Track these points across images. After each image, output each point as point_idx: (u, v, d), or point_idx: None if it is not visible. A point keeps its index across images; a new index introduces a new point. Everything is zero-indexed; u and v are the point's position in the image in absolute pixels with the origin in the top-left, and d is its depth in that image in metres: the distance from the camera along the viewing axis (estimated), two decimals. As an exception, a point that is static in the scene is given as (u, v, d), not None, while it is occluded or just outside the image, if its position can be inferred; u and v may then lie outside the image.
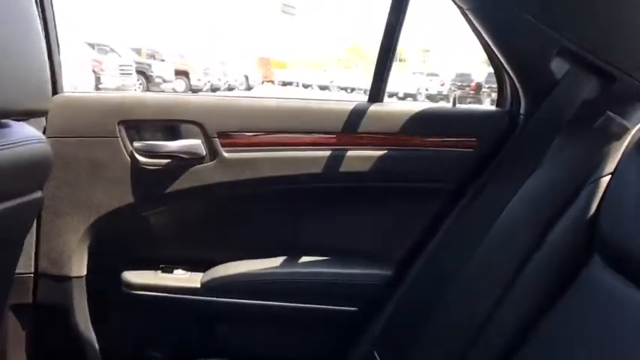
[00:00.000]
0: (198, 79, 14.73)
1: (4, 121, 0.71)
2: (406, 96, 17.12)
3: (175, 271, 1.21)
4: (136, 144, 1.11)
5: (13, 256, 0.90)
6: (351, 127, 1.17)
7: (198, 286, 1.18)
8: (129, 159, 1.11)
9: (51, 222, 1.10)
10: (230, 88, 17.39)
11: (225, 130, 1.14)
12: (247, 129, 1.16)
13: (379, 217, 1.24)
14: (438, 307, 0.99)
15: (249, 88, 19.14)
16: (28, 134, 0.76)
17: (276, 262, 1.20)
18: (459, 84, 15.07)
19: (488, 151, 1.15)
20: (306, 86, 23.76)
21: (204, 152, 1.13)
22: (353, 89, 21.29)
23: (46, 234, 1.10)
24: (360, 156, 1.17)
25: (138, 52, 13.48)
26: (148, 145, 1.11)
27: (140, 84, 11.64)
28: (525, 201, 0.93)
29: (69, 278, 1.11)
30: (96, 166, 1.10)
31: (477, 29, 1.01)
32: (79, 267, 1.13)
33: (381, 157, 1.17)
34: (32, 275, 1.11)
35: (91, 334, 1.15)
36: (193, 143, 1.12)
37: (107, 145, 1.10)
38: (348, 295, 1.19)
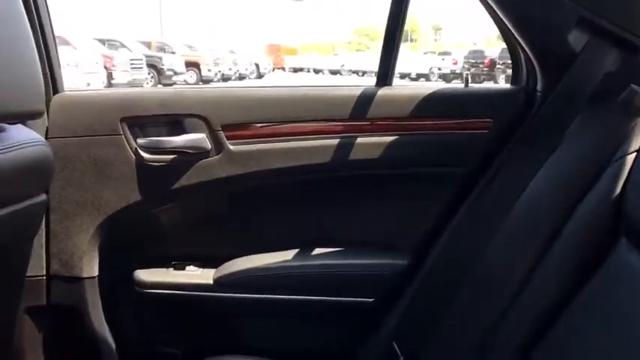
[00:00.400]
0: (209, 70, 14.76)
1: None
2: (419, 76, 16.92)
3: (187, 268, 1.20)
4: (140, 140, 1.09)
5: (23, 259, 0.89)
6: (359, 113, 1.13)
7: (211, 282, 1.16)
8: (133, 156, 1.09)
9: (59, 223, 1.09)
10: (241, 77, 17.39)
11: (230, 122, 1.11)
12: (252, 120, 1.13)
13: (392, 205, 1.20)
14: (457, 296, 0.95)
15: (260, 76, 19.13)
16: (25, 137, 0.74)
17: (288, 255, 1.18)
18: (472, 61, 14.81)
19: (503, 132, 1.10)
20: (317, 71, 23.64)
21: (210, 146, 1.10)
22: (364, 72, 21.12)
23: (55, 236, 1.09)
24: (370, 143, 1.13)
25: (148, 45, 13.53)
26: (152, 141, 1.09)
27: (152, 77, 11.69)
28: (545, 183, 0.89)
29: (81, 279, 1.10)
30: (101, 164, 1.09)
31: (488, 2, 0.96)
32: (91, 267, 1.12)
33: (391, 143, 1.13)
34: (45, 277, 1.10)
35: (106, 334, 1.14)
36: (198, 137, 1.10)
37: (111, 143, 1.09)
38: (364, 286, 1.17)
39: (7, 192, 0.72)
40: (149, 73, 11.56)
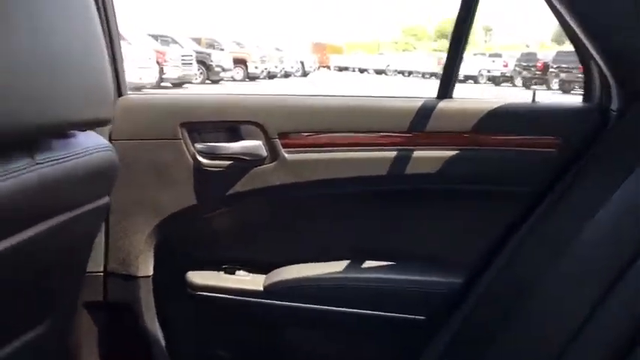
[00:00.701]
0: (256, 67, 14.95)
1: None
2: (466, 78, 16.53)
3: (238, 273, 1.20)
4: (198, 146, 1.11)
5: (84, 257, 0.92)
6: (419, 125, 1.10)
7: (261, 289, 1.16)
8: (191, 161, 1.11)
9: (118, 223, 1.12)
10: (286, 75, 17.54)
11: (286, 130, 1.11)
12: (308, 129, 1.12)
13: (449, 221, 1.17)
14: (514, 319, 0.92)
15: (305, 74, 19.22)
16: (93, 142, 0.76)
17: (340, 266, 1.17)
18: (524, 64, 14.32)
19: (573, 152, 1.04)
20: (362, 71, 23.53)
21: (265, 153, 1.10)
22: (410, 72, 20.85)
23: (114, 234, 1.12)
24: (429, 156, 1.10)
25: (198, 41, 13.84)
26: (209, 146, 1.10)
27: (200, 73, 11.96)
28: (620, 208, 0.84)
29: (136, 278, 1.13)
30: (160, 168, 1.11)
31: (555, 6, 0.90)
32: (146, 267, 1.14)
33: (451, 158, 1.10)
34: (102, 274, 1.14)
35: (158, 333, 1.17)
36: (254, 144, 1.10)
37: (170, 147, 1.11)
38: (417, 302, 1.14)
39: (75, 196, 0.74)
40: (198, 69, 11.82)
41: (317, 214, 1.20)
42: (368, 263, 1.17)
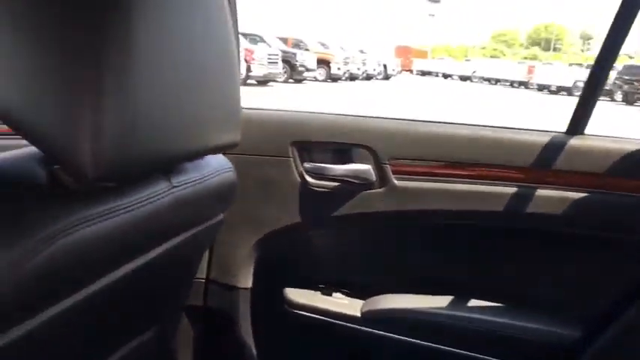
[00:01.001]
0: (338, 68, 15.05)
1: None
2: (559, 89, 15.59)
3: (334, 294, 1.19)
4: (307, 165, 1.10)
5: (195, 268, 0.94)
6: (544, 162, 1.02)
7: (359, 314, 1.13)
8: (299, 179, 1.10)
9: (223, 233, 1.14)
10: (368, 77, 17.50)
11: (398, 156, 1.07)
12: (421, 156, 1.07)
13: (570, 268, 1.07)
14: None
15: (387, 77, 19.08)
16: (220, 163, 0.77)
17: (444, 301, 1.11)
18: (627, 78, 13.25)
19: None
20: (446, 76, 22.93)
21: (374, 178, 1.07)
22: (498, 81, 20.00)
23: (218, 244, 1.14)
24: (553, 196, 1.01)
25: (285, 41, 14.17)
26: (317, 167, 1.09)
27: (285, 72, 12.24)
28: None
29: (236, 288, 1.15)
30: (267, 184, 1.11)
31: None
32: (246, 279, 1.16)
33: (578, 200, 1.00)
34: (204, 281, 1.16)
35: (251, 345, 1.18)
36: (363, 168, 1.07)
37: (279, 164, 1.11)
38: (527, 352, 1.05)
39: (202, 214, 0.76)
40: (283, 68, 12.10)
41: (422, 245, 1.15)
42: (474, 302, 1.10)
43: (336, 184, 1.09)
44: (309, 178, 1.10)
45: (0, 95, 0.45)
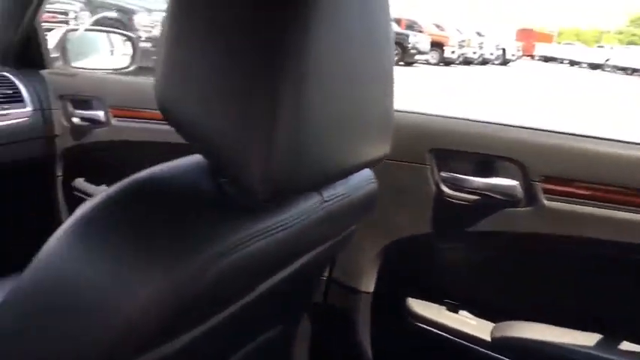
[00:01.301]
0: (452, 52, 14.40)
1: None
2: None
3: (461, 312, 1.14)
4: (444, 174, 1.04)
5: (324, 270, 0.96)
6: None
7: (488, 338, 1.08)
8: (434, 188, 1.05)
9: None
10: (484, 62, 16.53)
11: (552, 174, 0.96)
12: (580, 177, 0.96)
13: None
14: None
15: (504, 62, 17.87)
16: (366, 176, 0.75)
17: (589, 338, 1.00)
18: None
19: None
20: (573, 64, 20.90)
21: (521, 195, 1.00)
22: (635, 70, 17.81)
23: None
24: None
25: (398, 22, 13.86)
26: (457, 177, 1.02)
27: (396, 54, 12.01)
28: None
29: (358, 292, 1.13)
30: (400, 190, 1.07)
31: None
32: (368, 283, 1.14)
33: None
34: (326, 279, 1.18)
35: (368, 351, 1.17)
36: (510, 184, 0.98)
37: (414, 171, 1.06)
38: None
39: (348, 224, 0.76)
40: (395, 50, 11.86)
41: (568, 274, 1.05)
42: (626, 346, 0.99)
43: (475, 197, 1.02)
44: (445, 189, 1.04)
45: (175, 106, 0.46)
